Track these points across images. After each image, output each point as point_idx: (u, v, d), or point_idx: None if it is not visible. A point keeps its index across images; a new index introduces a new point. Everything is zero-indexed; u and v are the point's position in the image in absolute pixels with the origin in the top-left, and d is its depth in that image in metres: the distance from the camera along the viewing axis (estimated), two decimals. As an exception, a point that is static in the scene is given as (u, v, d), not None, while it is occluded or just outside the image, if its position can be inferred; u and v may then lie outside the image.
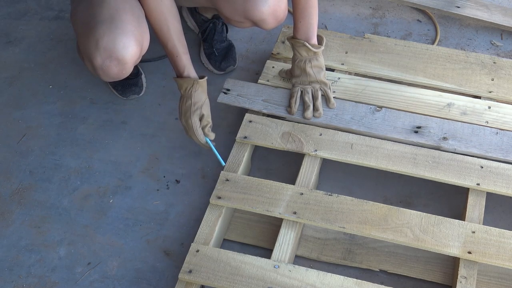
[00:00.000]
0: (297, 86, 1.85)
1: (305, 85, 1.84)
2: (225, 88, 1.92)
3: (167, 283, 1.65)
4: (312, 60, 1.81)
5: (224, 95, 1.90)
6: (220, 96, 1.90)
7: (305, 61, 1.81)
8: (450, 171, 1.72)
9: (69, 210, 1.80)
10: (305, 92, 1.84)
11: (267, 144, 1.80)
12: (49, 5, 2.38)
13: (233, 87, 1.92)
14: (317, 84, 1.84)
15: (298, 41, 1.80)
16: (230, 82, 1.94)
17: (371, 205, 1.66)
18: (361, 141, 1.79)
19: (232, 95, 1.90)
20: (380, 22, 2.31)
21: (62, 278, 1.66)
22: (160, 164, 1.90)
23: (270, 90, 1.91)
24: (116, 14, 1.63)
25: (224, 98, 1.89)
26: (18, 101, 2.07)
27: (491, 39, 2.24)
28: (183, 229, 1.75)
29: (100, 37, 1.61)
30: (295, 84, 1.86)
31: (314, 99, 1.84)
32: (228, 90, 1.91)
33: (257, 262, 1.57)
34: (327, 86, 1.85)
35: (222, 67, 2.10)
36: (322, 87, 1.85)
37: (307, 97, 1.83)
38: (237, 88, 1.92)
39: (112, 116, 2.02)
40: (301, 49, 1.81)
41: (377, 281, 1.63)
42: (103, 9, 1.64)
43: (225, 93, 1.91)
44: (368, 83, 1.93)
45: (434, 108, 1.86)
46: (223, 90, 1.91)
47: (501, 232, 1.61)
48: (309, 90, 1.84)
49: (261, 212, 1.66)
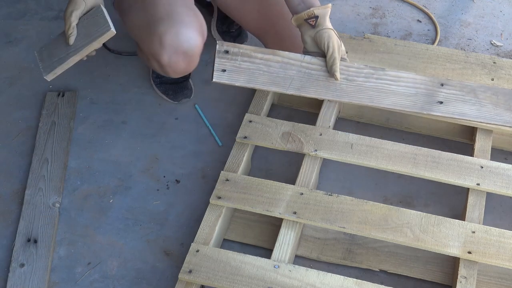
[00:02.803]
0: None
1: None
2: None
3: (167, 283, 1.65)
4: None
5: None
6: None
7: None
8: (450, 171, 1.72)
9: (69, 210, 1.80)
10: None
11: (267, 144, 1.80)
12: (49, 5, 2.38)
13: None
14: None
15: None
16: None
17: (371, 205, 1.66)
18: (361, 141, 1.79)
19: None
20: (380, 22, 2.31)
21: (62, 278, 1.66)
22: (160, 164, 1.90)
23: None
24: (172, 9, 1.64)
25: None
26: (18, 101, 2.07)
27: (491, 39, 2.24)
28: (183, 229, 1.75)
29: (162, 34, 1.61)
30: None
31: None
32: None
33: (257, 262, 1.57)
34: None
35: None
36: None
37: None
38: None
39: (112, 116, 2.02)
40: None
41: (377, 281, 1.63)
42: (158, 7, 1.64)
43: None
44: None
45: (434, 108, 1.86)
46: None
47: (501, 232, 1.61)
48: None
49: (261, 212, 1.66)
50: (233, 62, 1.60)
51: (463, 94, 1.63)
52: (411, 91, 1.61)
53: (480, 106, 1.62)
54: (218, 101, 2.05)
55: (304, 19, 1.59)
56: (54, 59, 1.61)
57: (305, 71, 1.60)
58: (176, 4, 1.66)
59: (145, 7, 1.67)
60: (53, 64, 1.61)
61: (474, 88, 1.63)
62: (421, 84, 1.61)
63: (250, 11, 1.89)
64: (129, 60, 2.18)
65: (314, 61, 1.60)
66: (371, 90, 1.60)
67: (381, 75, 1.61)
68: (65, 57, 1.60)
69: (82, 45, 1.58)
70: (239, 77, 1.59)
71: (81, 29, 1.60)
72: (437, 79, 1.62)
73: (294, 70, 1.60)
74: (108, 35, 1.57)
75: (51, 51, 1.63)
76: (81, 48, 1.58)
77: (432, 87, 1.61)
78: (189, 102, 2.05)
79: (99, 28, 1.58)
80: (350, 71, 1.61)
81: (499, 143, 1.89)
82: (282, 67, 1.60)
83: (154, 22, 1.63)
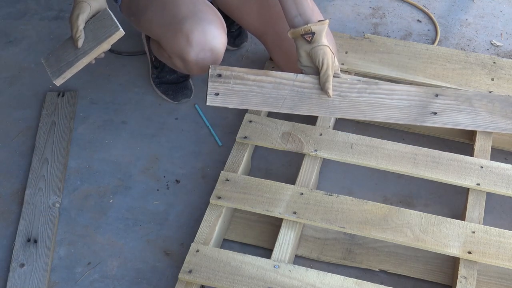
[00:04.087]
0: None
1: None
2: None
3: (167, 283, 1.65)
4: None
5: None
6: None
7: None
8: (450, 171, 1.72)
9: (69, 210, 1.80)
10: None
11: (267, 144, 1.80)
12: (49, 5, 2.38)
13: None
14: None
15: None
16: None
17: (371, 205, 1.66)
18: (361, 141, 1.79)
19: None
20: (380, 22, 2.31)
21: (62, 278, 1.66)
22: (160, 164, 1.90)
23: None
24: (196, 7, 1.67)
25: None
26: (18, 101, 2.07)
27: (491, 39, 2.24)
28: (183, 229, 1.75)
29: (189, 32, 1.64)
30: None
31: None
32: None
33: (257, 262, 1.57)
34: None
35: (236, 43, 2.17)
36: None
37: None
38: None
39: (112, 116, 2.03)
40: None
41: (377, 281, 1.63)
42: (182, 7, 1.68)
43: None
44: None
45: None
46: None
47: (501, 232, 1.61)
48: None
49: (261, 212, 1.66)
50: (226, 85, 1.62)
51: (458, 103, 1.64)
52: (405, 103, 1.62)
53: (475, 115, 1.63)
54: (218, 101, 2.05)
55: (301, 34, 1.61)
56: (62, 63, 1.61)
57: (297, 90, 1.62)
58: (199, 3, 1.70)
59: (166, 7, 1.69)
60: (61, 68, 1.61)
61: (470, 97, 1.63)
62: (415, 96, 1.62)
63: (250, 12, 1.90)
64: (129, 60, 2.18)
65: (306, 79, 1.62)
66: (364, 105, 1.61)
67: (374, 89, 1.62)
68: (73, 61, 1.59)
69: (91, 48, 1.58)
70: (232, 99, 1.62)
71: (88, 32, 1.60)
72: (432, 89, 1.63)
73: (287, 89, 1.62)
74: (117, 35, 1.57)
75: (59, 56, 1.63)
76: (89, 50, 1.58)
77: (426, 98, 1.62)
78: (189, 102, 2.05)
79: (107, 29, 1.58)
80: (343, 87, 1.63)
81: (499, 143, 1.89)
82: (274, 87, 1.62)
83: (179, 21, 1.66)
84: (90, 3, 1.60)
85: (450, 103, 1.62)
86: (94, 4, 1.61)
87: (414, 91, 1.61)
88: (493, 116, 1.62)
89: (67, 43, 1.64)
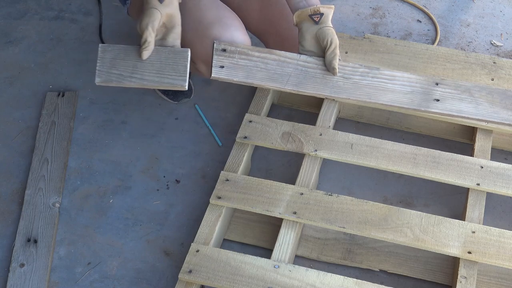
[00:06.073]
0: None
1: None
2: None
3: (167, 283, 1.65)
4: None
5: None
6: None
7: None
8: (450, 171, 1.72)
9: (69, 210, 1.80)
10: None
11: (267, 144, 1.80)
12: (49, 5, 2.38)
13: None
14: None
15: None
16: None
17: (371, 205, 1.66)
18: (361, 141, 1.79)
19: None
20: (380, 22, 2.31)
21: (62, 278, 1.67)
22: (160, 164, 1.90)
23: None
24: (220, 13, 1.68)
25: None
26: (18, 101, 2.07)
27: (491, 39, 2.24)
28: (183, 229, 1.75)
29: (217, 37, 1.63)
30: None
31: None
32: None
33: (257, 262, 1.57)
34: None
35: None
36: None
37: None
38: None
39: (112, 116, 2.03)
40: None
41: (377, 281, 1.63)
42: (206, 12, 1.68)
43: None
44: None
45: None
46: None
47: (501, 232, 1.61)
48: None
49: (261, 212, 1.66)
50: (231, 59, 1.61)
51: (458, 92, 1.63)
52: (407, 89, 1.61)
53: (476, 104, 1.63)
54: (218, 101, 2.05)
55: (309, 14, 1.60)
56: (115, 71, 1.52)
57: (301, 69, 1.60)
58: (222, 9, 1.70)
59: (189, 13, 1.68)
60: (111, 76, 1.52)
61: (469, 88, 1.63)
62: (416, 83, 1.61)
63: (251, 11, 1.90)
64: (129, 60, 2.18)
65: (310, 60, 1.61)
66: (368, 87, 1.60)
67: (376, 74, 1.61)
68: (125, 78, 1.51)
69: (148, 82, 1.51)
70: (237, 73, 1.60)
71: (156, 56, 1.52)
72: (432, 78, 1.62)
73: (291, 67, 1.61)
74: (177, 88, 1.51)
75: (116, 59, 1.53)
76: (145, 81, 1.51)
77: (427, 85, 1.61)
78: (189, 102, 2.05)
79: (174, 74, 1.51)
80: (346, 69, 1.61)
81: (499, 143, 1.89)
82: (279, 64, 1.61)
83: (206, 27, 1.65)
84: (160, 10, 1.55)
85: (451, 92, 1.62)
86: (166, 10, 1.56)
87: (415, 78, 1.60)
88: (494, 107, 1.61)
89: (130, 49, 1.55)
